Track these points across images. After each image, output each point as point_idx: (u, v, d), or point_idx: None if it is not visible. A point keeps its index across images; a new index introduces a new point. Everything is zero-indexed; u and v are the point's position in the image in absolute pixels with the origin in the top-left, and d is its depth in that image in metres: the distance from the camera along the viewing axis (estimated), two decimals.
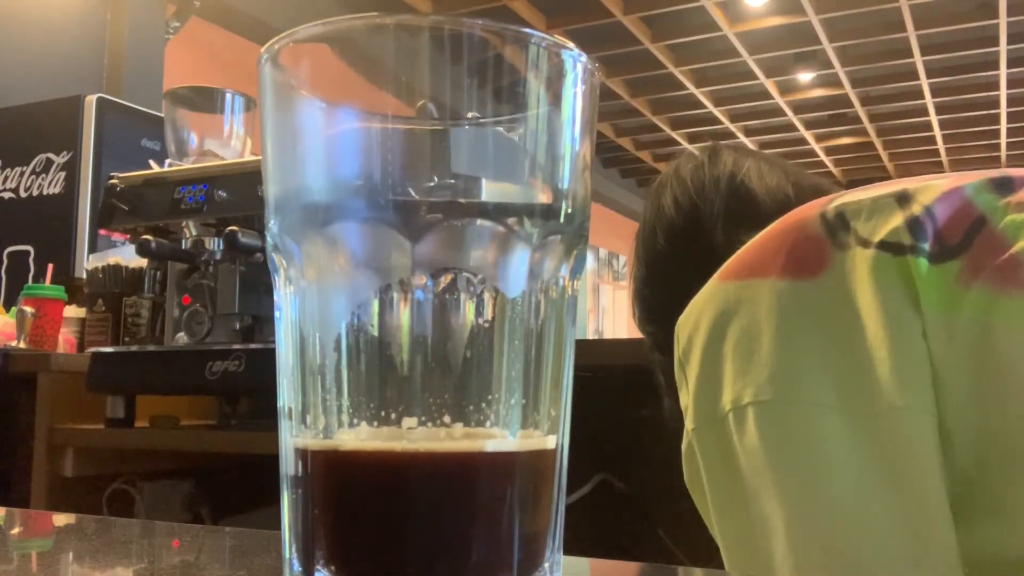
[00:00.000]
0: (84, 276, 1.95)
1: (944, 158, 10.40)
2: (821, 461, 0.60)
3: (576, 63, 0.34)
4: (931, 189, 0.66)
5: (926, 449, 0.58)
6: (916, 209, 0.64)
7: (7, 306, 2.28)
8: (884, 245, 0.63)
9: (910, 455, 0.58)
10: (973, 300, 0.59)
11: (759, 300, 0.65)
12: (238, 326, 1.54)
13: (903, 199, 0.66)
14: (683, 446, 0.69)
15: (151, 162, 1.77)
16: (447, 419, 0.31)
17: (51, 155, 2.95)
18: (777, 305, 0.64)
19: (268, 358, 0.41)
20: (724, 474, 0.64)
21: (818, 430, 0.60)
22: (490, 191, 0.33)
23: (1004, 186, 0.65)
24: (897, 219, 0.64)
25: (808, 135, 9.68)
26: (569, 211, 0.34)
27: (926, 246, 0.62)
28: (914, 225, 0.63)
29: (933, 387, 0.59)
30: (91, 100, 2.95)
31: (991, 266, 0.60)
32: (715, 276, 0.70)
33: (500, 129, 0.33)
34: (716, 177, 0.88)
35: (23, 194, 2.98)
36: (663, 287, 0.91)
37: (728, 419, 0.63)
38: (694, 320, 0.69)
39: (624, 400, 1.46)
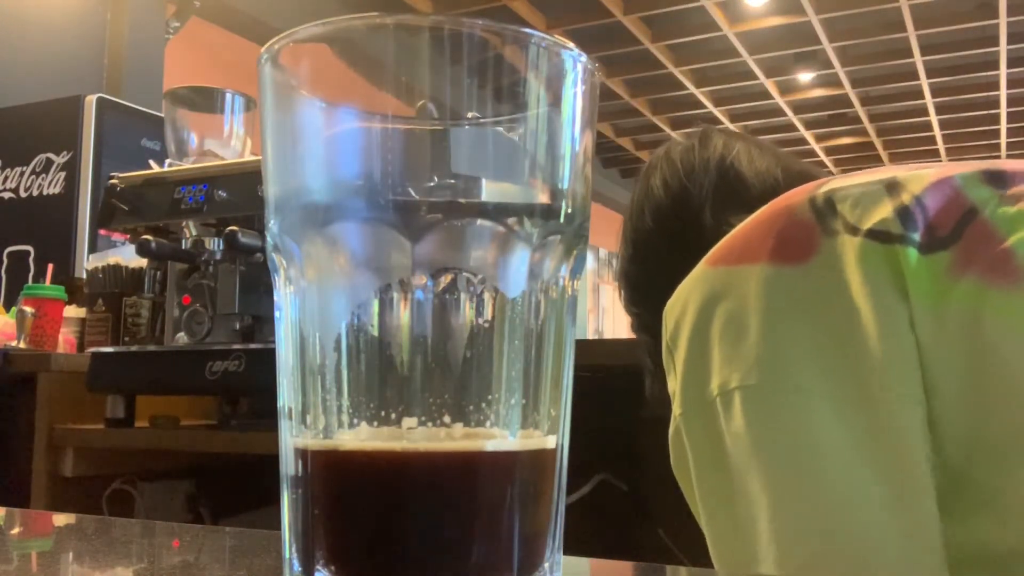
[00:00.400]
0: (84, 276, 1.95)
1: (944, 158, 10.40)
2: (808, 447, 0.60)
3: (576, 63, 0.34)
4: (920, 179, 0.66)
5: (914, 438, 0.58)
6: (906, 198, 0.64)
7: (7, 306, 2.28)
8: (873, 234, 0.63)
9: (898, 443, 0.58)
10: (963, 292, 0.59)
11: (747, 285, 0.64)
12: (238, 326, 1.54)
13: (892, 188, 0.66)
14: (670, 431, 0.69)
15: (151, 162, 1.77)
16: (447, 419, 0.31)
17: (51, 155, 2.95)
18: (765, 291, 0.63)
19: (268, 358, 0.41)
20: (711, 459, 0.64)
21: (805, 416, 0.60)
22: (490, 191, 0.33)
23: (996, 178, 0.65)
24: (886, 208, 0.64)
25: (808, 135, 9.68)
26: (569, 211, 0.34)
27: (916, 236, 0.62)
28: (904, 215, 0.63)
29: (921, 378, 0.59)
30: (91, 100, 2.95)
31: (982, 259, 0.60)
32: (703, 261, 0.70)
33: (500, 129, 0.33)
34: (706, 159, 0.88)
35: (23, 194, 2.99)
36: (649, 268, 0.91)
37: (716, 404, 0.63)
38: (681, 305, 0.69)
39: (624, 400, 1.45)
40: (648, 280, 0.91)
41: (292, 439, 0.33)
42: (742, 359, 0.62)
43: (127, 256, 1.80)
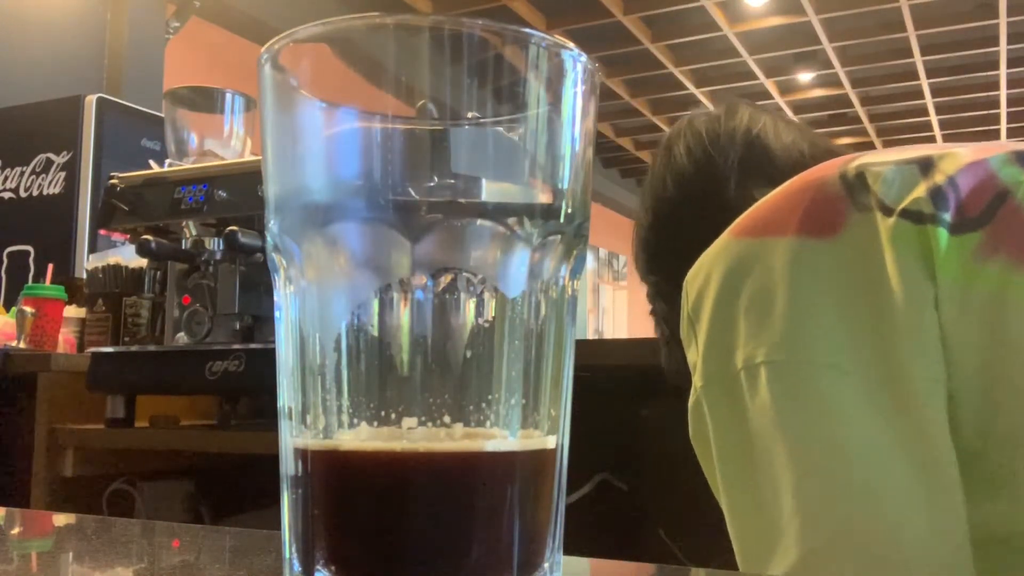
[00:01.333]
0: (84, 276, 1.95)
1: None
2: (833, 422, 0.59)
3: (576, 63, 0.34)
4: (954, 158, 0.65)
5: (938, 418, 0.58)
6: (939, 178, 0.64)
7: (7, 306, 2.28)
8: (905, 213, 0.62)
9: (923, 422, 0.58)
10: (990, 274, 0.59)
11: (774, 258, 0.64)
12: (238, 326, 1.54)
13: (926, 167, 0.65)
14: (690, 402, 0.68)
15: (151, 162, 1.77)
16: (447, 419, 0.31)
17: (51, 155, 2.94)
18: (793, 264, 0.63)
19: (268, 358, 0.41)
20: (733, 433, 0.64)
21: (832, 393, 0.59)
22: (490, 191, 0.33)
23: None
24: (920, 188, 0.63)
25: None
26: (569, 211, 0.34)
27: (947, 216, 0.61)
28: (936, 195, 0.62)
29: (944, 358, 0.58)
30: (91, 100, 2.95)
31: (1011, 241, 0.59)
32: (727, 232, 0.69)
33: (500, 129, 0.33)
34: (732, 130, 0.88)
35: (23, 194, 2.98)
36: (669, 236, 0.90)
37: (740, 377, 0.63)
38: (704, 275, 0.68)
39: (624, 400, 1.46)
40: (667, 248, 0.90)
41: (292, 439, 0.33)
42: (768, 334, 0.62)
43: (127, 256, 1.80)
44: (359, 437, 0.31)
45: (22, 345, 1.90)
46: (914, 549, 0.57)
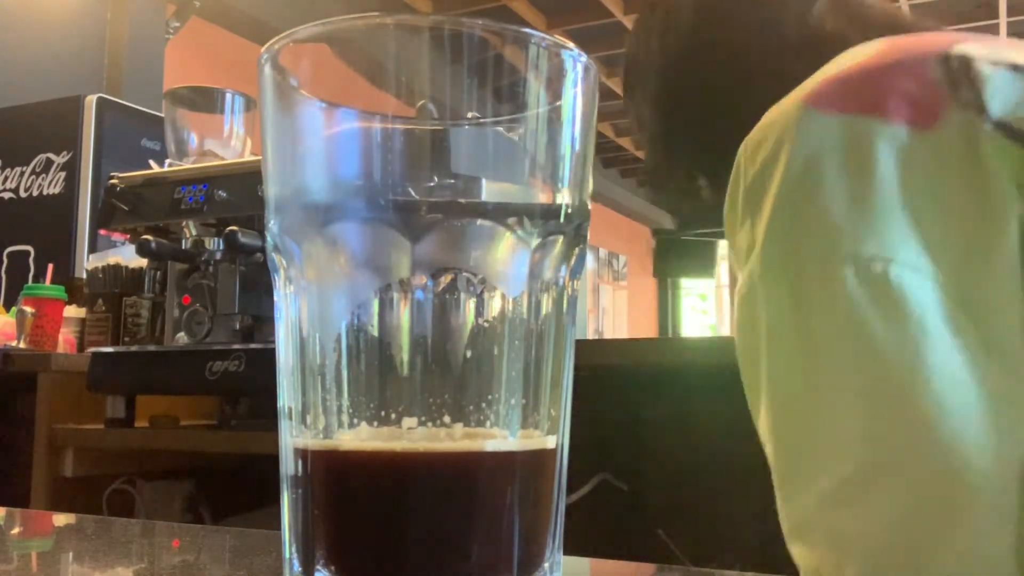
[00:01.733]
0: (84, 276, 1.95)
1: None
2: (912, 331, 0.54)
3: (576, 63, 0.34)
4: None
5: (1015, 341, 0.54)
6: None
7: (7, 306, 2.28)
8: (1008, 129, 0.56)
9: (1006, 345, 0.54)
10: None
11: (866, 143, 0.57)
12: (238, 326, 1.54)
13: None
14: (740, 289, 0.61)
15: (151, 162, 1.77)
16: (447, 419, 0.31)
17: (51, 155, 2.94)
18: (891, 155, 0.56)
19: (268, 358, 0.41)
20: (794, 327, 0.58)
21: (914, 298, 0.54)
22: (490, 191, 0.33)
23: None
24: None
25: None
26: (569, 211, 0.34)
27: None
28: None
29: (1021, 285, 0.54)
30: (91, 100, 2.95)
31: None
32: (802, 98, 0.61)
33: (500, 129, 0.33)
34: None
35: (23, 194, 2.98)
36: (699, 40, 0.80)
37: (811, 269, 0.57)
38: (772, 147, 0.61)
39: (624, 400, 1.46)
40: (689, 48, 0.80)
41: (292, 439, 0.33)
42: (853, 225, 0.56)
43: (127, 256, 1.80)
44: (359, 437, 0.31)
45: (22, 345, 1.90)
46: (978, 477, 0.53)
